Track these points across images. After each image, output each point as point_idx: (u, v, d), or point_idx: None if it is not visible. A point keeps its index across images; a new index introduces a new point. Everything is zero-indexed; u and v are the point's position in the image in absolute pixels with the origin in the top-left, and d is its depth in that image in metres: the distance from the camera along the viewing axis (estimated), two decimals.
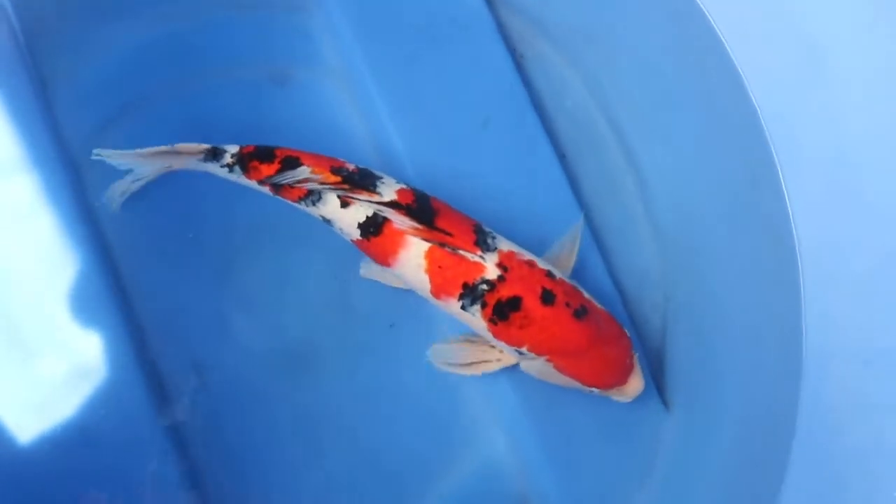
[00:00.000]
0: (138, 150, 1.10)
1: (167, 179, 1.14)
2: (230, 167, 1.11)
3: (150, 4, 1.22)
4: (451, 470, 1.19)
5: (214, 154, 1.11)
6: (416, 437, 1.20)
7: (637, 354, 1.12)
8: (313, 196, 1.09)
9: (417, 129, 1.23)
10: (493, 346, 1.12)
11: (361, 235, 1.09)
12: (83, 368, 1.11)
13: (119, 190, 1.13)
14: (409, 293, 1.15)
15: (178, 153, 1.11)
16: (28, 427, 1.09)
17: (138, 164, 1.12)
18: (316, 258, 1.20)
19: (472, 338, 1.14)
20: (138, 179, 1.13)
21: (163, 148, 1.10)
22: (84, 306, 1.12)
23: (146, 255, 1.18)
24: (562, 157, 1.28)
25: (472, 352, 1.14)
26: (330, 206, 1.09)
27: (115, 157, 1.10)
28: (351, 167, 1.10)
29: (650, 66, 1.24)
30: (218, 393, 1.17)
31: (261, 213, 1.18)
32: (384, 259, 1.09)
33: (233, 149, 1.11)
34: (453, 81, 1.26)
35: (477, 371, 1.13)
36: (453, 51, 1.26)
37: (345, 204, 1.08)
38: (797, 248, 1.09)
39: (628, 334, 1.12)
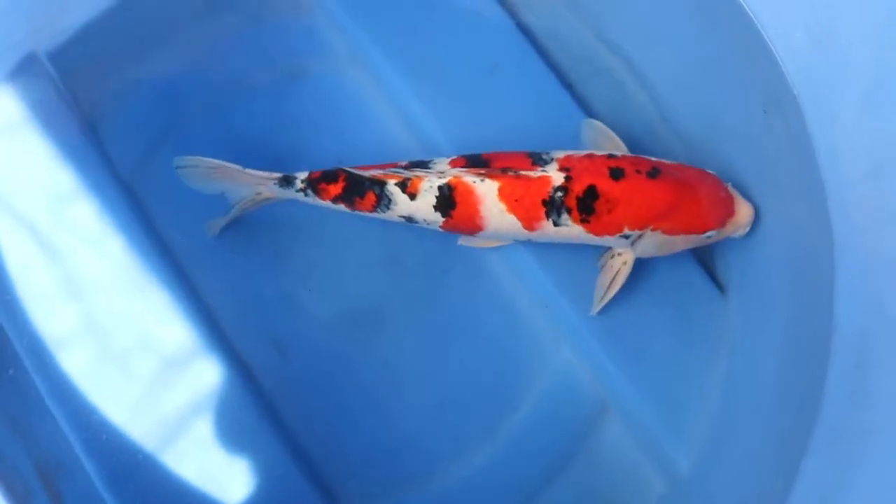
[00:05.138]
0: (211, 160, 1.18)
1: None
2: (304, 192, 1.19)
3: (170, 33, 1.33)
4: (530, 390, 1.24)
5: (287, 181, 1.19)
6: (489, 368, 1.26)
7: (730, 184, 1.16)
8: (384, 201, 1.16)
9: (431, 88, 1.32)
10: (612, 256, 1.18)
11: (443, 216, 1.16)
12: (172, 362, 1.21)
13: (220, 221, 1.24)
14: (451, 242, 1.24)
15: (251, 176, 1.19)
16: (132, 425, 1.19)
17: (211, 179, 1.20)
18: (361, 223, 1.26)
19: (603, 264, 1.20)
20: (233, 210, 1.23)
21: (234, 166, 1.18)
22: (164, 308, 1.23)
23: (209, 253, 1.27)
24: (568, 86, 1.34)
25: (604, 276, 1.19)
26: (401, 204, 1.16)
27: (193, 163, 1.18)
28: (403, 164, 1.18)
29: None
30: (299, 364, 1.25)
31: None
32: (473, 225, 1.16)
33: (302, 175, 1.19)
34: (456, 39, 1.34)
35: (618, 285, 1.18)
36: (450, 12, 1.35)
37: (412, 196, 1.15)
38: (803, 114, 1.14)
39: (711, 172, 1.16)
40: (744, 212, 1.16)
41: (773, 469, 1.10)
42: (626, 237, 1.14)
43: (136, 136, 1.30)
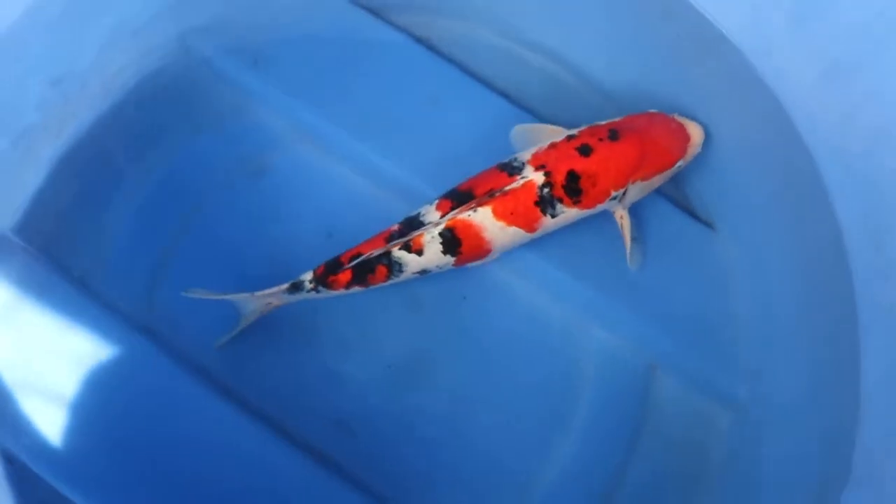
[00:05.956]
0: (219, 295, 1.20)
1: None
2: (315, 290, 1.22)
3: (121, 173, 1.34)
4: (582, 378, 1.31)
5: (296, 287, 1.22)
6: (538, 371, 1.32)
7: (674, 114, 1.28)
8: (395, 269, 1.21)
9: (383, 138, 1.36)
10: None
11: (453, 256, 1.21)
12: (247, 479, 1.22)
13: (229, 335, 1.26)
14: (459, 269, 1.28)
15: (261, 297, 1.22)
16: None
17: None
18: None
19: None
20: (242, 321, 1.26)
21: (243, 295, 1.21)
22: (221, 431, 1.23)
23: (241, 360, 1.29)
24: (506, 96, 1.41)
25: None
26: (412, 263, 1.21)
27: (202, 295, 1.20)
28: (395, 227, 1.22)
29: None
30: (368, 433, 1.28)
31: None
32: (482, 251, 1.23)
33: (307, 276, 1.22)
34: (390, 87, 1.40)
35: (629, 236, 1.28)
36: (375, 64, 1.41)
37: (419, 252, 1.20)
38: (738, 48, 1.26)
39: (653, 111, 1.28)
40: (696, 132, 1.28)
41: (831, 359, 1.20)
42: (615, 198, 1.24)
43: (130, 278, 1.30)
